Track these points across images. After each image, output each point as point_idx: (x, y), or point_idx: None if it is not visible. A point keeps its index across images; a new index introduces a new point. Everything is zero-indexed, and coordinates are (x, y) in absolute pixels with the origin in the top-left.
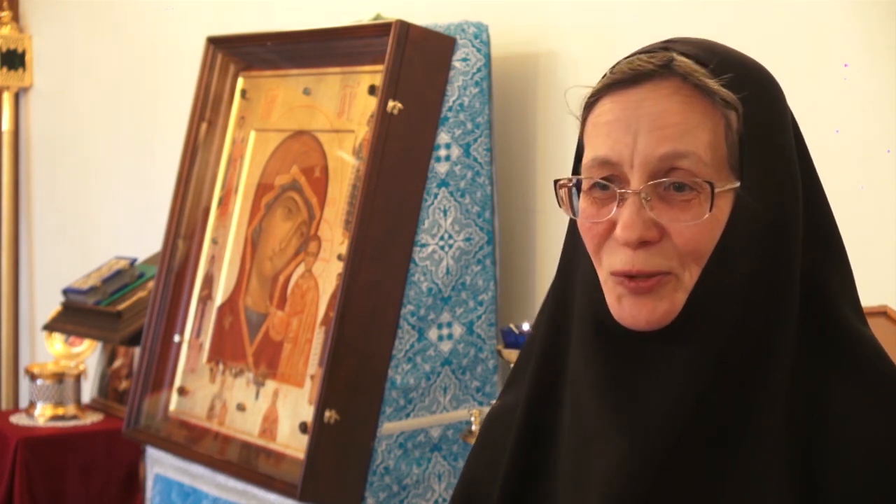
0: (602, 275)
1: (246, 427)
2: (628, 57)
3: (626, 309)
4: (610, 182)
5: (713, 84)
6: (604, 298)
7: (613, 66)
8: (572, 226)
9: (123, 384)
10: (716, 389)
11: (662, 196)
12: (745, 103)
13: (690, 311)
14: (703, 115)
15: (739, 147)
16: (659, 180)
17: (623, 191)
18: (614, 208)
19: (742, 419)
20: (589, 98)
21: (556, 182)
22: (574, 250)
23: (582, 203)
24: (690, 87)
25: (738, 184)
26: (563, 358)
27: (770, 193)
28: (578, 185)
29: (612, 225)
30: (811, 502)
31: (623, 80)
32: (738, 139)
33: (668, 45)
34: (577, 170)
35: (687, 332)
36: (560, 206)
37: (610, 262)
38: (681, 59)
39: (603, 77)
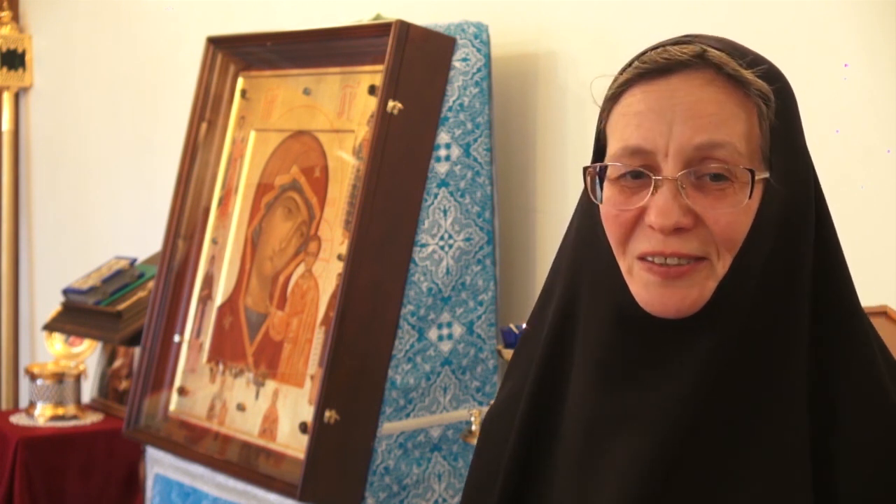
0: (626, 264)
1: (246, 427)
2: (655, 48)
3: (654, 296)
4: (649, 173)
5: (748, 75)
6: (625, 287)
7: (640, 57)
8: (576, 225)
9: (123, 384)
10: (737, 378)
11: (697, 185)
12: (777, 96)
13: (719, 299)
14: (737, 106)
15: (771, 138)
16: (697, 167)
17: (659, 178)
18: (647, 196)
19: (762, 408)
20: (616, 88)
21: (585, 169)
22: (580, 248)
23: (607, 192)
24: (724, 78)
25: (768, 174)
26: (568, 356)
27: (793, 184)
28: (602, 174)
29: (642, 212)
30: (829, 493)
31: (654, 69)
32: (768, 130)
33: (693, 39)
34: (597, 160)
35: (712, 321)
36: (590, 193)
37: (638, 247)
38: (713, 51)
39: (629, 67)
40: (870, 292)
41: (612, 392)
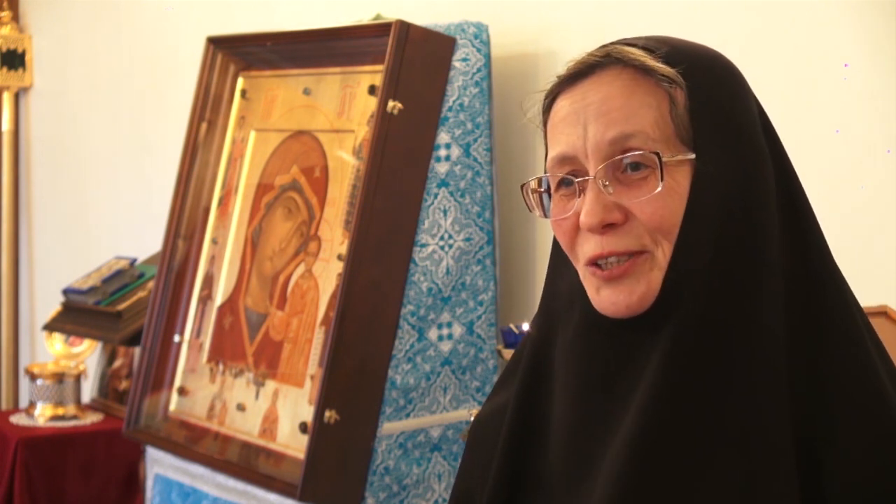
0: (580, 270)
1: (246, 427)
2: None
3: (603, 298)
4: (572, 177)
5: (650, 62)
6: (586, 294)
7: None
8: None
9: (123, 384)
10: (701, 373)
11: (620, 179)
12: (687, 78)
13: (667, 290)
14: (645, 94)
15: (690, 121)
16: (610, 160)
17: (581, 180)
18: (577, 201)
19: (736, 406)
20: (545, 102)
21: (522, 186)
22: (557, 259)
23: (552, 204)
24: (631, 70)
25: (692, 155)
26: (550, 361)
27: (732, 167)
28: (549, 189)
29: (579, 217)
30: (815, 486)
31: (570, 76)
32: (687, 114)
33: (617, 41)
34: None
35: (666, 315)
36: (529, 210)
37: (583, 252)
38: (621, 47)
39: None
40: (870, 292)
41: (589, 400)
